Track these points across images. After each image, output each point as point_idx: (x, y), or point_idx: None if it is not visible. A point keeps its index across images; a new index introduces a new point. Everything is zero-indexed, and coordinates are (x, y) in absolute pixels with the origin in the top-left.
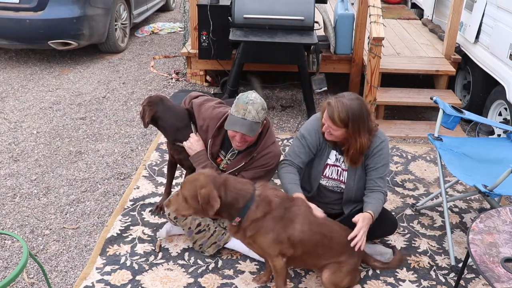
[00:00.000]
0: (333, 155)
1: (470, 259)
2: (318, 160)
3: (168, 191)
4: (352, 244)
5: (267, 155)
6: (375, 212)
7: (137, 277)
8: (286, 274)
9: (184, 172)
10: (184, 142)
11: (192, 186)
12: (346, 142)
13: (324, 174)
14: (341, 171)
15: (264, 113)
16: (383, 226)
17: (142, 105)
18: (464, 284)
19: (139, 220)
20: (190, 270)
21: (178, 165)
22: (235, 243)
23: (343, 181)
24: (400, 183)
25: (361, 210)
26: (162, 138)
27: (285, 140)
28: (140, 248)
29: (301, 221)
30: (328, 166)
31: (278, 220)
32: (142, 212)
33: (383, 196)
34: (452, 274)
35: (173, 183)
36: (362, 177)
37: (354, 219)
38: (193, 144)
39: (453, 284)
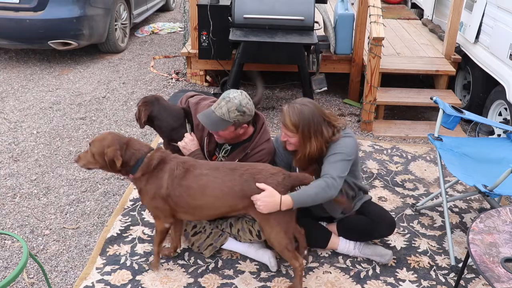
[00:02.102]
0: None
1: (470, 259)
2: None
3: None
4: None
5: (261, 152)
6: (294, 198)
7: (137, 277)
8: (163, 238)
9: None
10: (179, 142)
11: (100, 144)
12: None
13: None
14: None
15: (238, 115)
16: (380, 226)
17: (137, 105)
18: (464, 284)
19: (139, 220)
20: (190, 270)
21: None
22: (232, 245)
23: None
24: (400, 183)
25: (358, 210)
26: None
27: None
28: (140, 248)
29: (166, 178)
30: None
31: (151, 181)
32: (142, 212)
33: (323, 182)
34: (452, 274)
35: None
36: None
37: (260, 186)
38: (187, 143)
39: (453, 284)
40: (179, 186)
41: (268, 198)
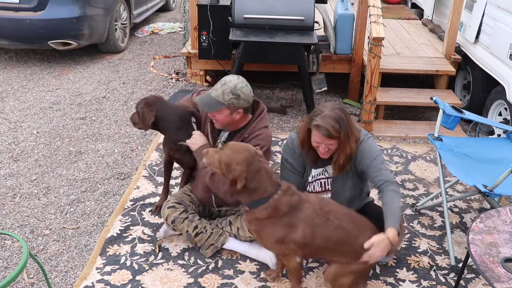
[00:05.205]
0: (312, 172)
1: (470, 259)
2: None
3: (166, 191)
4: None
5: (258, 137)
6: (394, 225)
7: (137, 277)
8: (299, 274)
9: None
10: (187, 140)
11: (231, 156)
12: (336, 151)
13: (307, 190)
14: (324, 182)
15: (232, 97)
16: (379, 228)
17: (138, 108)
18: (464, 284)
19: (139, 220)
20: (190, 270)
21: (174, 165)
22: (232, 244)
23: (328, 189)
24: (400, 183)
25: (360, 211)
26: (162, 138)
27: (285, 140)
28: (140, 248)
29: (303, 228)
30: (308, 184)
31: (279, 227)
32: (142, 212)
33: (393, 191)
34: (452, 274)
35: (173, 182)
36: (351, 187)
37: (366, 245)
38: (196, 139)
39: (453, 284)
40: (319, 236)
41: (379, 246)
